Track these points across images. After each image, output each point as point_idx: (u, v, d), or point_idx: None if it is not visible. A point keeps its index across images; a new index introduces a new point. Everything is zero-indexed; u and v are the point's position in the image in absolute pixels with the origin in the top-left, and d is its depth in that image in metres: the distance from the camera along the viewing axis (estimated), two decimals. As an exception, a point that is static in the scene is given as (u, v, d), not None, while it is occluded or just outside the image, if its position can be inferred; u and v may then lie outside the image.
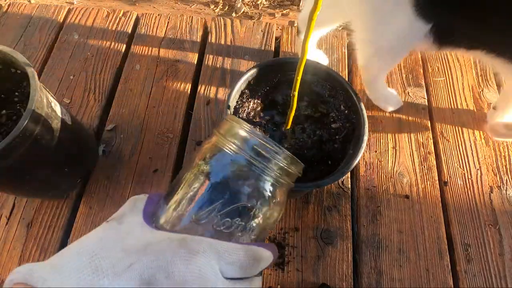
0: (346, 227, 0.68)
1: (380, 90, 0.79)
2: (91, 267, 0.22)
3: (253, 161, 0.29)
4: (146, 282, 0.22)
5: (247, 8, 1.07)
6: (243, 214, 0.28)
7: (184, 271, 0.23)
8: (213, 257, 0.24)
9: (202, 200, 0.28)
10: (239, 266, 0.25)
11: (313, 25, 0.37)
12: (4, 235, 0.67)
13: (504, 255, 0.67)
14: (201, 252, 0.24)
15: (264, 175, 0.29)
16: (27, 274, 0.22)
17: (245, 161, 0.29)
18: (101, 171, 0.73)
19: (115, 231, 0.26)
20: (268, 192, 0.29)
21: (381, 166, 0.75)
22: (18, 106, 0.62)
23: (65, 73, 0.85)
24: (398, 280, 0.64)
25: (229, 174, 0.29)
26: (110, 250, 0.23)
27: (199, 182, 0.29)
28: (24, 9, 0.95)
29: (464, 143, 0.79)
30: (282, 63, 0.64)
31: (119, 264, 0.22)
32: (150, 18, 0.94)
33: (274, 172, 0.30)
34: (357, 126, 0.60)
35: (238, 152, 0.29)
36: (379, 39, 0.65)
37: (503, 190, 0.73)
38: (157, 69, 0.86)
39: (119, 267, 0.22)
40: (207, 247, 0.24)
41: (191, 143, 0.76)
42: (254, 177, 0.29)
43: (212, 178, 0.29)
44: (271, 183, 0.30)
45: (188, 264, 0.23)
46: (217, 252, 0.25)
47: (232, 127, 0.31)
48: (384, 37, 0.64)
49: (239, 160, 0.29)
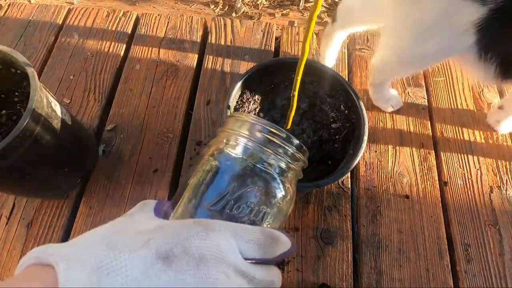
0: (346, 227, 0.68)
1: (383, 91, 0.79)
2: (106, 244, 0.21)
3: (263, 147, 0.30)
4: (164, 257, 0.21)
5: (247, 8, 1.07)
6: (256, 199, 0.28)
7: (201, 246, 0.22)
8: (230, 234, 0.24)
9: (213, 188, 0.28)
10: (257, 244, 0.24)
11: (313, 25, 0.37)
12: (4, 235, 0.67)
13: (504, 255, 0.67)
14: (217, 230, 0.23)
15: (273, 160, 0.30)
16: (39, 252, 0.21)
17: (258, 148, 0.30)
18: (101, 171, 0.73)
19: (125, 221, 0.26)
20: (279, 178, 0.30)
21: (381, 166, 0.75)
22: (18, 106, 0.62)
23: (65, 73, 0.85)
24: (398, 280, 0.64)
25: (239, 162, 0.29)
26: (123, 233, 0.23)
27: (210, 173, 0.29)
28: (24, 9, 0.95)
29: (464, 143, 0.79)
30: (282, 63, 0.64)
31: (134, 242, 0.22)
32: (150, 18, 0.94)
33: (283, 157, 0.30)
34: (357, 126, 0.60)
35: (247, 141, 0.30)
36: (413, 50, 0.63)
37: (503, 190, 0.73)
38: (157, 69, 0.86)
39: (134, 244, 0.22)
40: (223, 226, 0.24)
41: (191, 143, 0.76)
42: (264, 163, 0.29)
43: (222, 167, 0.29)
44: (281, 169, 0.30)
45: (205, 239, 0.22)
46: (234, 231, 0.24)
47: (238, 119, 0.32)
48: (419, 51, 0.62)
49: (248, 148, 0.30)
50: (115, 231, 0.23)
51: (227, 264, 0.22)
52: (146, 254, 0.21)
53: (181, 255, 0.21)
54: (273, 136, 0.30)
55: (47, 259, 0.20)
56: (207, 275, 0.21)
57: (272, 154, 0.30)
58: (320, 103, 0.65)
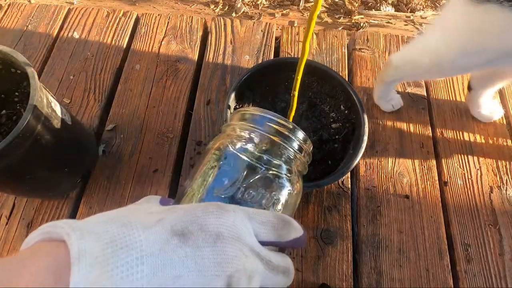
0: (346, 227, 0.68)
1: (388, 91, 0.78)
2: (119, 221, 0.20)
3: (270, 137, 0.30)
4: (180, 233, 0.20)
5: (247, 8, 1.07)
6: (265, 187, 0.28)
7: (217, 224, 0.21)
8: (244, 216, 0.23)
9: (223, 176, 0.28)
10: (271, 226, 0.24)
11: (313, 25, 0.37)
12: (4, 235, 0.67)
13: (504, 255, 0.67)
14: (232, 211, 0.23)
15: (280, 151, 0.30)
16: (49, 227, 0.20)
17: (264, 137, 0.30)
18: (101, 171, 0.73)
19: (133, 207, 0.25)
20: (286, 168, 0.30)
21: (381, 166, 0.75)
22: (18, 106, 0.62)
23: (65, 73, 0.85)
24: (398, 280, 0.64)
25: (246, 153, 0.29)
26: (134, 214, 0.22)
27: (218, 162, 0.29)
28: (24, 9, 0.95)
29: (464, 143, 0.79)
30: (282, 63, 0.64)
31: (148, 220, 0.21)
32: (150, 18, 0.94)
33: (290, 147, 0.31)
34: (357, 126, 0.60)
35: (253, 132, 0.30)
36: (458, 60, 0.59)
37: (503, 190, 0.73)
38: (157, 69, 0.86)
39: (148, 221, 0.21)
40: (237, 208, 0.23)
41: (191, 143, 0.76)
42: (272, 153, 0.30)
43: (230, 158, 0.29)
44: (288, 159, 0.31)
45: (220, 218, 0.22)
46: (248, 212, 0.24)
47: (244, 113, 0.32)
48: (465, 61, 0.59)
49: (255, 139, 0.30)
50: (125, 213, 0.22)
51: (244, 243, 0.22)
52: (161, 231, 0.20)
53: (197, 232, 0.21)
54: (280, 126, 0.31)
55: (58, 233, 0.19)
56: (225, 252, 0.21)
57: (279, 145, 0.30)
58: (320, 103, 0.65)
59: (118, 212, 0.22)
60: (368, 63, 0.88)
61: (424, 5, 1.09)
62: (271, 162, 0.29)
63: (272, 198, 0.28)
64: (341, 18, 1.06)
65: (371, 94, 0.83)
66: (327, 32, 0.93)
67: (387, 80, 0.75)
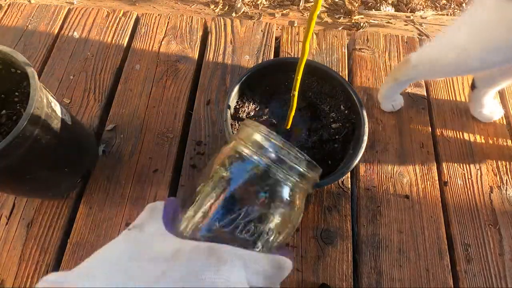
0: (346, 227, 0.68)
1: (396, 90, 0.77)
2: (122, 273, 0.23)
3: (272, 167, 0.29)
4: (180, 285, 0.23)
5: (247, 8, 1.07)
6: (265, 220, 0.28)
7: (214, 277, 0.24)
8: (240, 266, 0.25)
9: (224, 207, 0.28)
10: (264, 276, 0.27)
11: (313, 25, 0.37)
12: (4, 235, 0.67)
13: (504, 255, 0.67)
14: (229, 262, 0.25)
15: (284, 180, 0.29)
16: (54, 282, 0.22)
17: (265, 166, 0.29)
18: (101, 171, 0.73)
19: (138, 240, 0.27)
20: (288, 198, 0.29)
21: (381, 166, 0.75)
22: (18, 106, 0.62)
23: (65, 73, 0.85)
24: (398, 280, 0.64)
25: (250, 180, 0.29)
26: (138, 260, 0.24)
27: (219, 189, 0.29)
28: (24, 9, 0.95)
29: (464, 143, 0.79)
30: (282, 63, 0.64)
31: (151, 273, 0.23)
32: (150, 18, 0.94)
33: (294, 177, 0.30)
34: (357, 126, 0.60)
35: (258, 157, 0.29)
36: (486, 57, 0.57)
37: (503, 190, 0.73)
38: (157, 69, 0.86)
39: (151, 276, 0.23)
40: (235, 257, 0.26)
41: (191, 143, 0.76)
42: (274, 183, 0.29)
43: (233, 184, 0.29)
44: (291, 188, 0.30)
45: (217, 271, 0.24)
46: (244, 261, 0.26)
47: (251, 132, 0.31)
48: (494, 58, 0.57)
49: (259, 166, 0.29)
50: (129, 257, 0.24)
51: None
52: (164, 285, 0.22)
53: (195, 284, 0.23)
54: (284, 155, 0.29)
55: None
56: None
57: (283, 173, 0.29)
58: (320, 103, 0.65)
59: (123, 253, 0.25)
60: (368, 63, 0.88)
61: (424, 5, 1.09)
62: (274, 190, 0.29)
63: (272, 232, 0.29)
64: (341, 18, 1.06)
65: (371, 94, 0.83)
66: (327, 32, 0.93)
67: (401, 80, 0.73)
